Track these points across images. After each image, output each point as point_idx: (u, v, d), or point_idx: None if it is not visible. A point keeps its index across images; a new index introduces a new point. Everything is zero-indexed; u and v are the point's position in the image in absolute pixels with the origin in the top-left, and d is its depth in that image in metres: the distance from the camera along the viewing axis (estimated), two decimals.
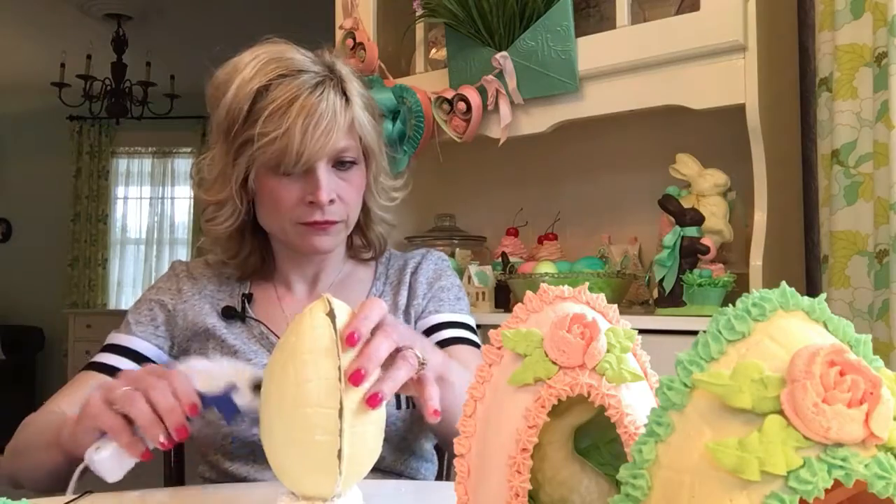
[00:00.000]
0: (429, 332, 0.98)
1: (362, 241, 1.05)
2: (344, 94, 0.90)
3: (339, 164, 0.91)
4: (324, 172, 0.89)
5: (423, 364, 0.63)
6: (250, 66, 0.88)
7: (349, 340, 0.56)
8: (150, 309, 0.99)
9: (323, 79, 0.89)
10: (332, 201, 0.90)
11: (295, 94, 0.86)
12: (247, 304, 0.99)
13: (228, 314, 0.97)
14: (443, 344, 0.94)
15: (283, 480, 0.58)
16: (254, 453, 0.89)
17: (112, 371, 0.91)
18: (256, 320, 0.97)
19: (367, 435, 0.57)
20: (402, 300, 1.01)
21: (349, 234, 1.02)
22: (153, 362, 0.95)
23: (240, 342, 0.95)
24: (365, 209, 1.00)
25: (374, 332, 0.60)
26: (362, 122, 0.92)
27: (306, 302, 0.94)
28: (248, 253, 0.99)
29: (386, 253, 1.08)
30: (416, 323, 0.99)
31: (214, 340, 0.95)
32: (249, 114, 0.87)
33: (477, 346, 0.98)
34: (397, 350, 0.62)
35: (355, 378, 0.55)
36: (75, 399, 0.87)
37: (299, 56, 0.91)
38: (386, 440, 0.88)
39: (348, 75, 0.93)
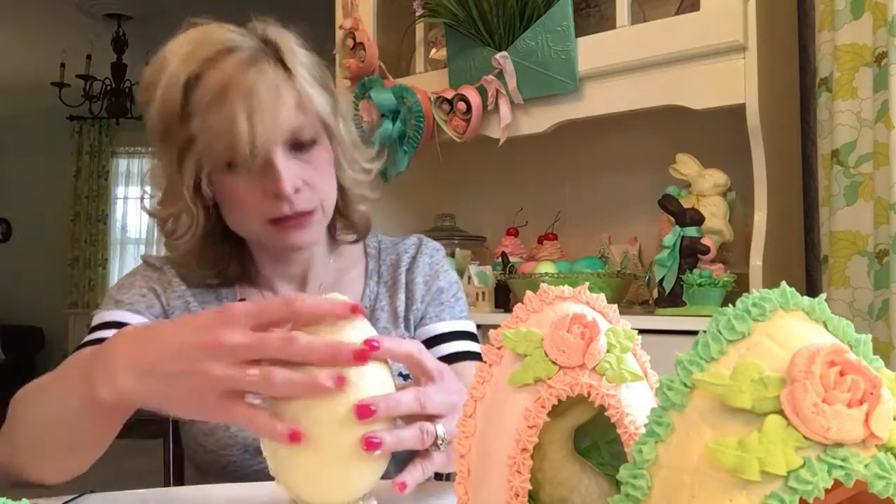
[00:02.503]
0: (430, 342, 0.92)
1: (343, 224, 0.94)
2: (284, 66, 0.80)
3: (298, 146, 0.80)
4: (281, 160, 0.78)
5: (438, 445, 0.60)
6: (176, 58, 0.78)
7: (367, 344, 0.54)
8: (142, 295, 0.86)
9: (256, 54, 0.79)
10: (297, 190, 0.79)
11: (228, 76, 0.75)
12: None
13: None
14: (447, 360, 0.87)
15: (288, 485, 0.56)
16: (256, 452, 0.89)
17: None
18: None
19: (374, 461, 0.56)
20: (401, 305, 0.94)
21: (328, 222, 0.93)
22: None
23: None
24: (341, 189, 0.89)
25: (422, 380, 0.59)
26: (310, 95, 0.80)
27: None
28: (226, 262, 0.89)
29: (374, 242, 0.99)
30: (415, 330, 0.94)
31: None
32: (184, 110, 0.77)
33: (479, 356, 0.94)
34: (427, 417, 0.59)
35: (361, 411, 0.53)
36: None
37: (227, 34, 0.80)
38: None
39: (286, 44, 0.81)
